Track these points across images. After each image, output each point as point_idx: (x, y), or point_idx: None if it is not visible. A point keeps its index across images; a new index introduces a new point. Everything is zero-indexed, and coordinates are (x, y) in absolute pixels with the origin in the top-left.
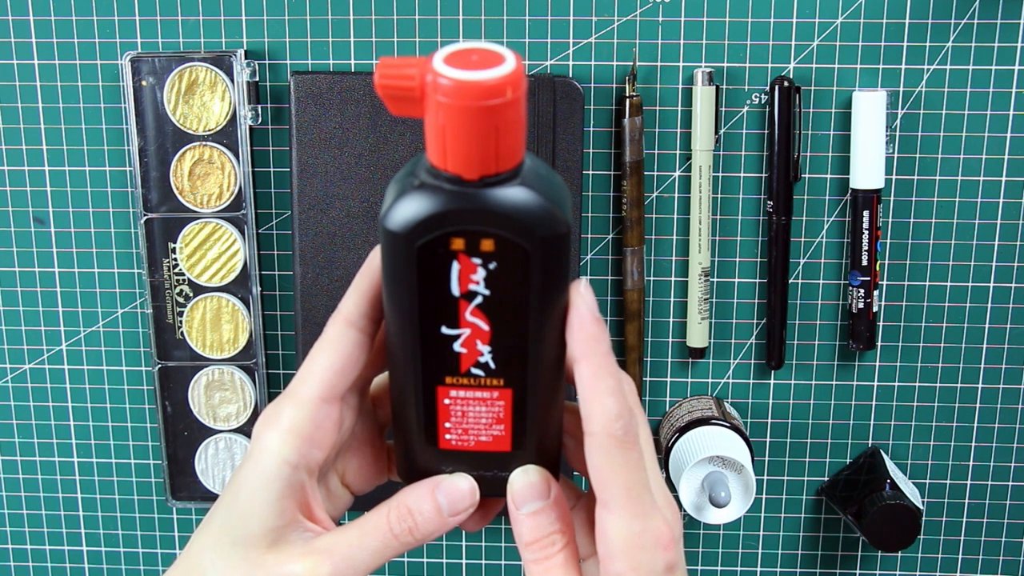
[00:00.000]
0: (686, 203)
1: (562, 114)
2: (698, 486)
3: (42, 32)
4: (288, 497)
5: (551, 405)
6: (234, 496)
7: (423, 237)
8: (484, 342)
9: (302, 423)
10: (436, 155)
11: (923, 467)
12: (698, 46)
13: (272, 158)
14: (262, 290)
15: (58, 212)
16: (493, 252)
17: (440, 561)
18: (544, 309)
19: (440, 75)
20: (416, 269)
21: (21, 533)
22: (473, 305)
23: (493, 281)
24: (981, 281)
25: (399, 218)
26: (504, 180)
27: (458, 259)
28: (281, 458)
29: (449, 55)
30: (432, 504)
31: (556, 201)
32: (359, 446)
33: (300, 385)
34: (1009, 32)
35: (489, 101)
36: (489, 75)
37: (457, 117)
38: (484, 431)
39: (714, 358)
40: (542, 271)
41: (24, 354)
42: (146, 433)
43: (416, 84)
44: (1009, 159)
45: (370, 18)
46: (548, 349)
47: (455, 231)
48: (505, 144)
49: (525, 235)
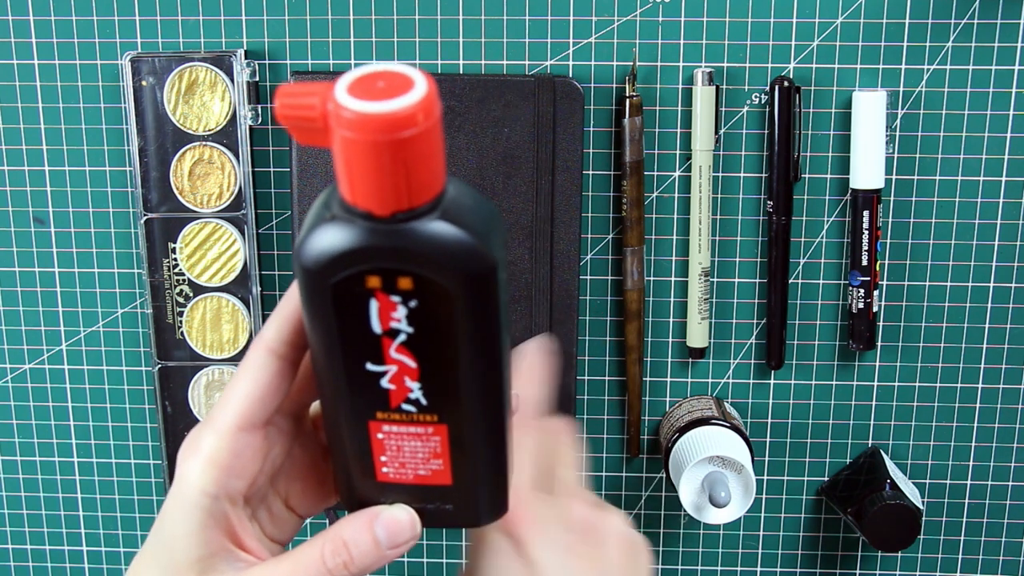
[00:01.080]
0: (686, 203)
1: (562, 114)
2: (698, 486)
3: (42, 32)
4: (211, 527)
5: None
6: (160, 526)
7: (337, 274)
8: (413, 379)
9: (220, 453)
10: (346, 189)
11: (923, 467)
12: (698, 46)
13: (272, 158)
14: (262, 290)
15: (58, 212)
16: (412, 290)
17: (440, 561)
18: (476, 345)
19: (342, 107)
20: (333, 306)
21: (21, 533)
22: (397, 342)
23: (416, 318)
24: (981, 281)
25: (311, 253)
26: (420, 214)
27: (376, 296)
28: (199, 488)
29: (353, 82)
30: (370, 537)
31: (481, 234)
32: (300, 470)
33: (219, 413)
34: (1009, 32)
35: (397, 134)
36: (395, 105)
37: (363, 151)
38: (422, 465)
39: (714, 358)
40: (468, 309)
41: (24, 354)
42: (146, 433)
43: (318, 114)
44: (1009, 159)
45: (370, 18)
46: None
47: (370, 269)
48: (419, 176)
49: (445, 273)
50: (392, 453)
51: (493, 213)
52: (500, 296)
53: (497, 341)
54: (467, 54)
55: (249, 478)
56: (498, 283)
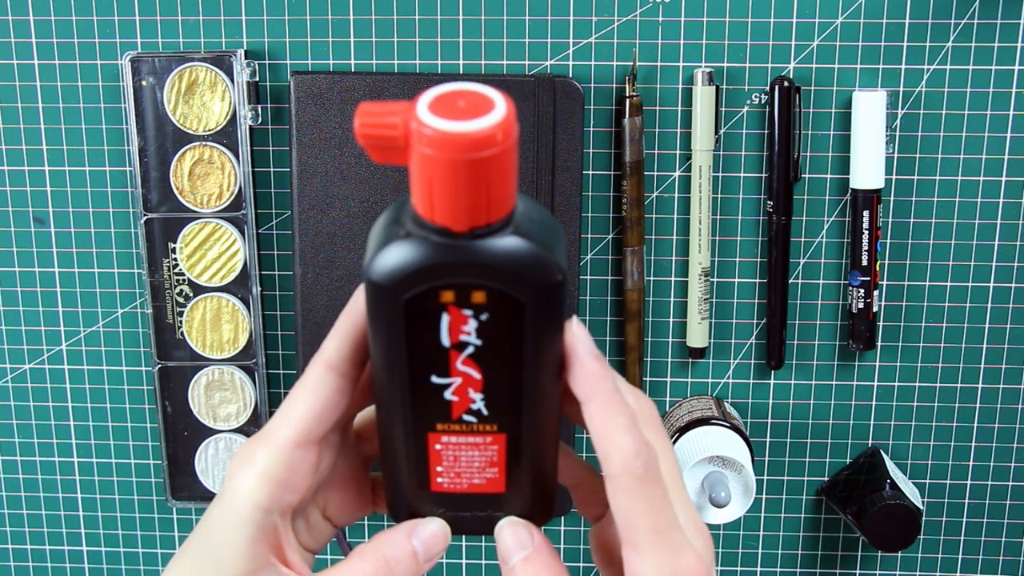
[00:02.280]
0: (686, 203)
1: (562, 114)
2: (698, 486)
3: (42, 32)
4: (260, 541)
5: (546, 447)
6: (206, 536)
7: (411, 291)
8: (476, 390)
9: (276, 468)
10: (423, 206)
11: (923, 467)
12: (698, 46)
13: (272, 158)
14: (262, 290)
15: (58, 212)
16: (485, 304)
17: (440, 561)
18: (539, 356)
19: (425, 125)
20: (404, 321)
21: (21, 533)
22: (464, 355)
23: (485, 331)
24: (981, 281)
25: (385, 270)
26: (496, 230)
27: (448, 311)
28: (253, 502)
29: (434, 100)
30: (409, 551)
31: (550, 247)
32: (342, 481)
33: (277, 428)
34: (1009, 32)
35: (478, 154)
36: (478, 125)
37: (445, 170)
38: (477, 474)
39: (714, 358)
40: (536, 320)
41: (24, 354)
42: (146, 433)
43: (400, 134)
44: (1009, 159)
45: (370, 18)
46: (543, 393)
47: (444, 284)
48: (497, 194)
49: (518, 287)
50: (449, 463)
51: (556, 227)
52: (564, 306)
53: (559, 348)
54: (467, 54)
55: (302, 493)
56: (564, 293)
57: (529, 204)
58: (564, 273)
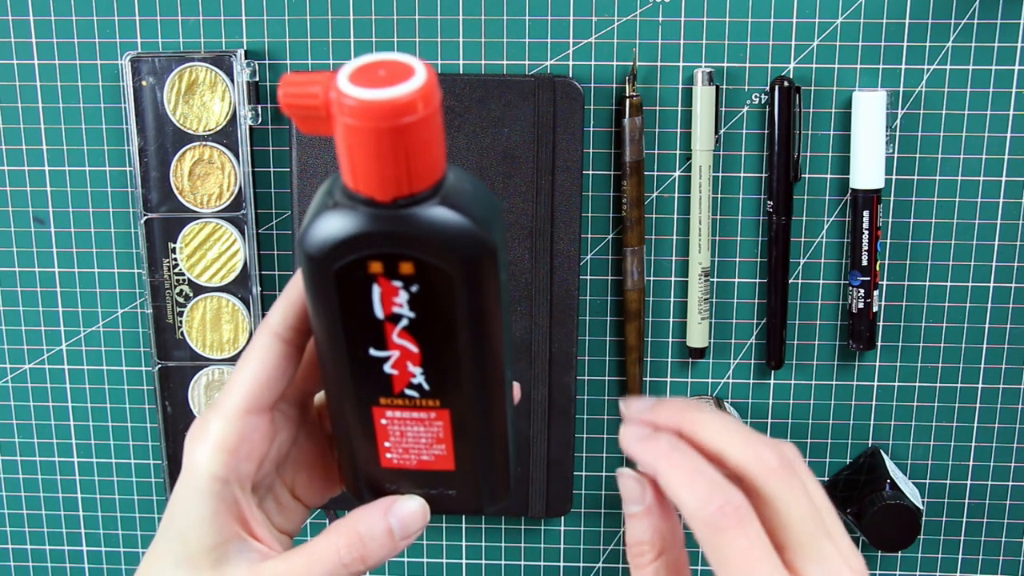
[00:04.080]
0: (686, 203)
1: (562, 114)
2: None
3: (42, 32)
4: (223, 513)
5: (494, 424)
6: (171, 515)
7: (339, 260)
8: (415, 364)
9: (228, 436)
10: (348, 176)
11: (923, 467)
12: (698, 46)
13: (272, 158)
14: (262, 290)
15: (58, 212)
16: (413, 275)
17: (440, 561)
18: (476, 329)
19: (344, 94)
20: (336, 292)
21: (21, 533)
22: (399, 327)
23: (417, 303)
24: (981, 281)
25: (314, 240)
26: (421, 200)
27: (378, 282)
28: (210, 473)
29: (355, 71)
30: (384, 529)
31: (480, 219)
32: (306, 459)
33: (225, 397)
34: (1009, 32)
35: (397, 121)
36: (396, 92)
37: (364, 138)
38: (425, 450)
39: (714, 358)
40: (469, 292)
41: (24, 354)
42: (146, 433)
43: (320, 103)
44: (1009, 159)
45: (370, 18)
46: (485, 369)
47: (372, 255)
48: (420, 162)
49: (445, 257)
50: (396, 439)
51: (492, 199)
52: (500, 280)
53: (498, 324)
54: (467, 54)
55: (257, 461)
56: (497, 267)
57: (461, 175)
58: (493, 245)
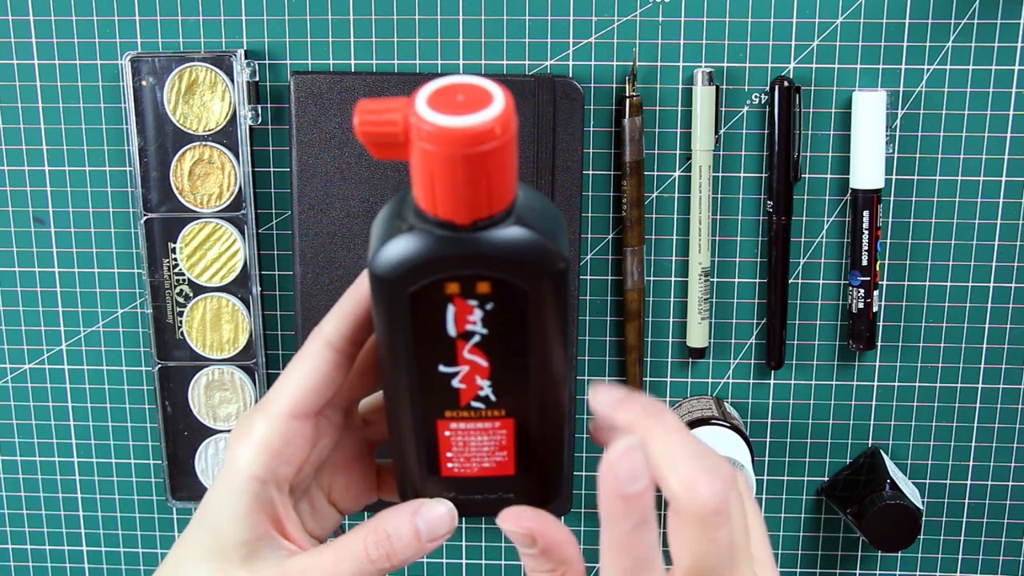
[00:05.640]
0: (686, 203)
1: (562, 114)
2: None
3: (42, 32)
4: (258, 511)
5: (554, 430)
6: (206, 509)
7: (416, 284)
8: (483, 377)
9: (271, 438)
10: (425, 200)
11: (923, 467)
12: (698, 46)
13: (272, 158)
14: (262, 290)
15: (58, 212)
16: (489, 294)
17: (440, 561)
18: (544, 342)
19: (424, 120)
20: (409, 313)
21: (21, 533)
22: (471, 344)
23: (490, 320)
24: (981, 281)
25: (389, 264)
26: (498, 221)
27: (453, 302)
28: (250, 472)
29: (432, 95)
30: (411, 529)
31: (552, 235)
32: (346, 464)
33: (273, 399)
34: (1009, 32)
35: (479, 148)
36: (477, 120)
37: (445, 165)
38: (487, 458)
39: (714, 358)
40: (540, 307)
41: (24, 354)
42: (146, 433)
43: (400, 130)
44: (1009, 159)
45: (370, 18)
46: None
47: (449, 276)
48: (498, 185)
49: (522, 276)
50: (458, 449)
51: (556, 213)
52: (568, 292)
53: (565, 334)
54: (467, 54)
55: (297, 464)
56: (567, 280)
57: (530, 193)
58: (566, 260)
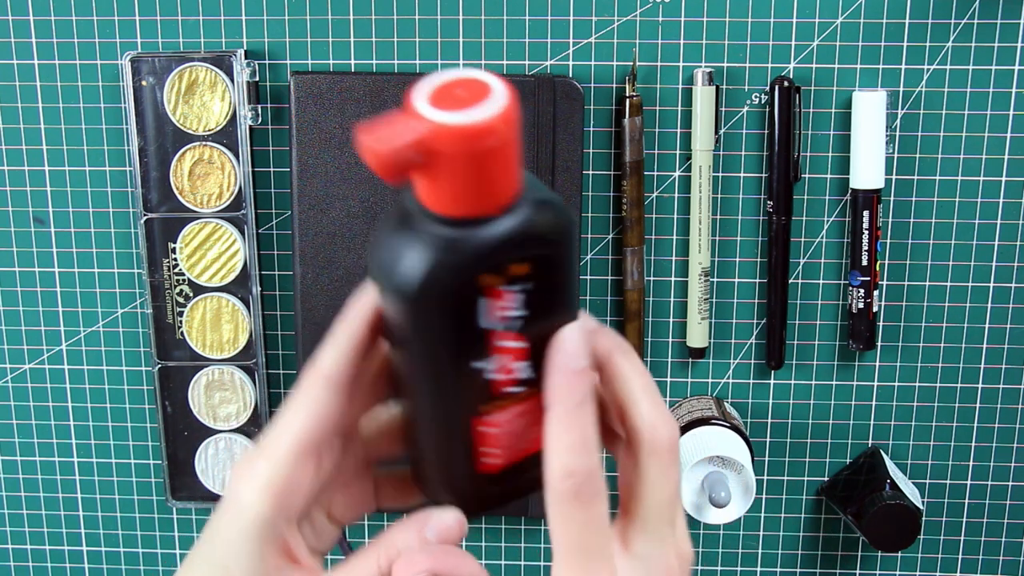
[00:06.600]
0: (686, 203)
1: (562, 114)
2: (698, 486)
3: (42, 32)
4: (269, 547)
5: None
6: (213, 546)
7: (450, 290)
8: (521, 358)
9: (277, 479)
10: (447, 203)
11: (923, 467)
12: (698, 46)
13: (272, 158)
14: (262, 290)
15: (58, 212)
16: (527, 273)
17: None
18: (571, 299)
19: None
20: (439, 321)
21: (21, 533)
22: (505, 330)
23: (531, 299)
24: (981, 281)
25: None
26: (519, 201)
27: (485, 294)
28: (256, 513)
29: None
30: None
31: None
32: (345, 483)
33: (276, 440)
34: (1009, 32)
35: (500, 137)
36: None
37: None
38: (524, 438)
39: (714, 358)
40: (567, 263)
41: (24, 354)
42: (146, 433)
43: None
44: (1009, 159)
45: (370, 18)
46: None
47: (483, 270)
48: (517, 167)
49: (552, 241)
50: (494, 441)
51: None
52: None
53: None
54: (467, 54)
55: (305, 497)
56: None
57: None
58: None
